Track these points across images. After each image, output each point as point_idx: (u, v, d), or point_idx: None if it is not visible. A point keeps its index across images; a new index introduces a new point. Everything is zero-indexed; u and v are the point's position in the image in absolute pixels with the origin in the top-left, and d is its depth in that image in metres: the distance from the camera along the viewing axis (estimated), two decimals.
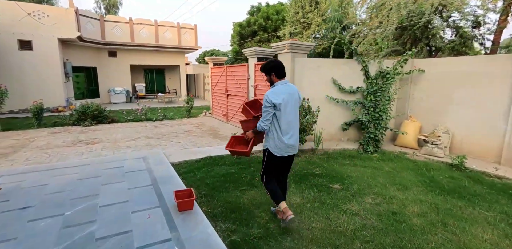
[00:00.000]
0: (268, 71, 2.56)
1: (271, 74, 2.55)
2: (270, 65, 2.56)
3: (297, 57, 5.72)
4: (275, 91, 2.46)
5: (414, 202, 3.25)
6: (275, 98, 2.40)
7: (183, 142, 6.24)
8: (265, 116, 2.43)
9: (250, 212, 2.97)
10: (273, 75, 2.55)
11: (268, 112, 2.42)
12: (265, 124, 2.46)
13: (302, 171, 4.28)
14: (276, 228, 2.66)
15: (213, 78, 9.81)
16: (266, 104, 2.41)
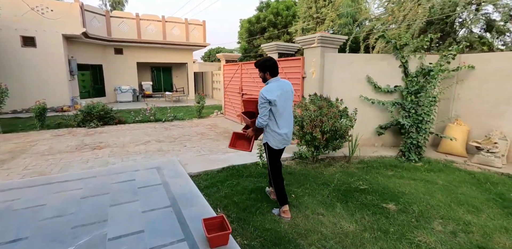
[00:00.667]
0: (264, 69, 2.64)
1: (266, 72, 2.64)
2: (267, 64, 2.62)
3: (327, 52, 5.06)
4: (269, 89, 2.57)
5: (499, 231, 2.60)
6: (269, 95, 2.51)
7: (198, 147, 5.64)
8: (263, 112, 2.56)
9: (297, 245, 2.35)
10: (268, 73, 2.64)
11: (265, 108, 2.54)
12: (263, 120, 2.60)
13: (343, 185, 3.64)
14: None
15: (225, 76, 9.19)
16: (262, 101, 2.53)
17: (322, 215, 2.87)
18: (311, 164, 4.49)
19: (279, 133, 2.67)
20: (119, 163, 4.50)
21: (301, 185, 3.63)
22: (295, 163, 4.53)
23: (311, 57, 5.19)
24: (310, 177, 3.93)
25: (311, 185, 3.63)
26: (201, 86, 19.99)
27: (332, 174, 4.06)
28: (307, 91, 5.35)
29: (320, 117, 4.06)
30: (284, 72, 5.98)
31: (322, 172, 4.14)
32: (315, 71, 5.06)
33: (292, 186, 3.60)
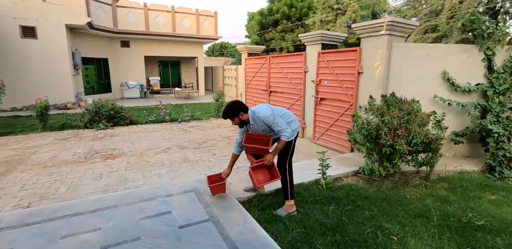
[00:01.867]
0: (237, 112, 2.52)
1: (239, 113, 2.52)
2: (235, 106, 2.53)
3: (394, 41, 4.09)
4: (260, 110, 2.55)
5: None
6: (269, 111, 2.52)
7: (229, 155, 4.71)
8: (284, 124, 2.52)
9: None
10: (241, 113, 2.53)
11: (279, 120, 2.52)
12: (287, 130, 2.52)
13: (449, 218, 2.71)
14: None
15: (248, 71, 8.21)
16: (272, 118, 2.49)
17: None
18: (380, 181, 3.57)
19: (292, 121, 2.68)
20: (141, 179, 3.60)
21: (391, 218, 2.71)
22: (361, 181, 3.60)
23: (372, 48, 4.22)
24: (394, 203, 3.01)
25: (405, 218, 2.71)
26: (210, 82, 19.00)
27: (419, 198, 3.14)
28: (365, 91, 4.39)
29: (405, 125, 3.11)
30: (330, 66, 5.01)
31: (404, 195, 3.21)
32: (380, 66, 4.09)
33: (379, 219, 2.67)
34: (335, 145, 5.14)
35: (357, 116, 3.70)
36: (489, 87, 4.18)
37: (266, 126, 2.55)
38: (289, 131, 2.49)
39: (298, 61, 5.92)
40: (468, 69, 4.23)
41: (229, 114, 2.50)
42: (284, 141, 2.51)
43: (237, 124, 2.60)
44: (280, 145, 2.57)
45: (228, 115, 2.51)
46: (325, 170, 3.39)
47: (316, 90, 5.44)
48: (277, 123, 2.48)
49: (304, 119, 5.98)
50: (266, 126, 2.56)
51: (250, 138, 2.68)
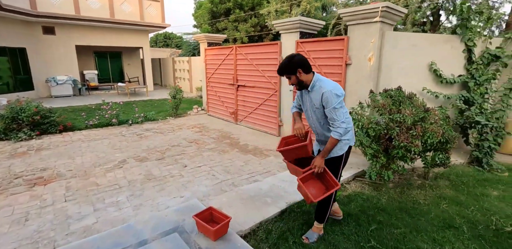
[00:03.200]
0: (295, 68, 1.92)
1: (297, 70, 1.92)
2: (294, 60, 1.92)
3: (386, 29, 3.71)
4: (331, 84, 1.94)
5: None
6: (339, 89, 1.91)
7: (205, 166, 3.90)
8: (342, 116, 1.91)
9: None
10: (300, 70, 1.93)
11: (342, 110, 1.91)
12: (346, 125, 1.91)
13: (477, 226, 2.43)
14: None
15: (209, 63, 7.27)
16: (337, 101, 1.88)
17: None
18: (383, 184, 3.22)
19: (351, 127, 2.05)
20: (91, 215, 2.58)
21: (422, 235, 2.31)
22: (366, 187, 3.19)
23: (362, 37, 3.78)
24: (413, 212, 2.65)
25: (435, 233, 2.34)
26: (158, 76, 17.20)
27: (433, 203, 2.84)
28: (355, 84, 3.97)
29: (421, 124, 2.74)
30: (311, 57, 4.48)
31: (416, 201, 2.89)
32: (373, 56, 3.68)
33: (412, 239, 2.25)
34: None
35: (358, 114, 3.24)
36: (470, 78, 4.14)
37: (321, 105, 1.95)
38: (343, 127, 1.89)
39: (271, 52, 5.26)
40: (451, 60, 4.12)
41: (285, 69, 1.95)
42: (335, 139, 1.92)
43: (294, 85, 2.02)
44: (330, 145, 1.95)
45: (284, 71, 1.97)
46: None
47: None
48: (337, 110, 1.88)
49: (281, 116, 5.42)
50: (321, 106, 1.95)
51: (286, 143, 2.20)
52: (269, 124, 5.71)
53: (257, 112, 5.95)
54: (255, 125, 6.08)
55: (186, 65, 13.15)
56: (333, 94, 1.87)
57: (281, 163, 4.01)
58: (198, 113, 8.02)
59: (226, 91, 6.77)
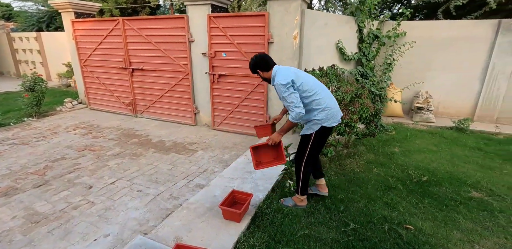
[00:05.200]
0: (254, 68, 2.25)
1: (256, 70, 2.26)
2: (252, 63, 2.23)
3: (305, 7, 3.68)
4: (280, 73, 2.14)
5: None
6: (286, 77, 2.07)
7: (118, 179, 3.00)
8: (295, 101, 2.07)
9: None
10: (259, 71, 2.25)
11: (292, 92, 2.06)
12: (300, 109, 2.07)
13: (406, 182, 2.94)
14: None
15: (82, 40, 5.48)
16: (284, 90, 2.07)
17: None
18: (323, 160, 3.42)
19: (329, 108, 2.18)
20: None
21: (374, 201, 2.59)
22: None
23: (282, 14, 3.62)
24: (359, 183, 2.94)
25: (382, 196, 2.68)
26: None
27: (367, 169, 3.23)
28: (279, 63, 3.85)
29: (357, 100, 2.92)
30: (228, 34, 4.02)
31: (354, 170, 3.22)
32: (298, 35, 3.61)
33: (369, 207, 2.47)
34: (246, 128, 4.51)
35: None
36: (362, 55, 4.83)
37: None
38: (296, 112, 2.06)
39: (176, 27, 4.40)
40: (350, 39, 4.63)
41: (251, 70, 2.28)
42: (290, 121, 2.14)
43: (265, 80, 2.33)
44: (286, 125, 2.21)
45: (251, 71, 2.29)
46: (291, 166, 2.76)
47: (211, 65, 4.34)
48: (286, 97, 2.07)
49: (196, 102, 4.81)
50: None
51: None
52: (182, 112, 5.00)
53: (164, 101, 5.07)
54: (163, 116, 5.20)
55: (34, 44, 9.69)
56: (280, 85, 2.06)
57: (214, 157, 3.61)
58: (75, 108, 6.14)
59: (115, 77, 5.39)
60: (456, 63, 5.07)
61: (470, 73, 5.04)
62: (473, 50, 4.91)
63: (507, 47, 4.71)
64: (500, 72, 4.85)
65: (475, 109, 5.17)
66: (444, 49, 5.05)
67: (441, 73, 5.22)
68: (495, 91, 4.98)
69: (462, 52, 4.98)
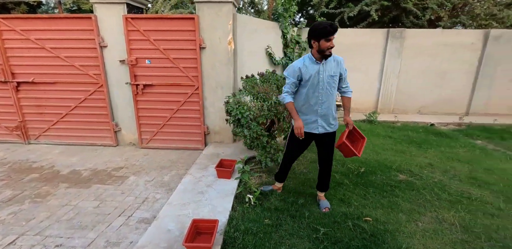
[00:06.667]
0: None
1: None
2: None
3: (235, 12, 3.55)
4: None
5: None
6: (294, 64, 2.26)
7: (22, 236, 2.17)
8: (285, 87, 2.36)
9: None
10: None
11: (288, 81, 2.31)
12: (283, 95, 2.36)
13: (349, 175, 3.12)
14: None
15: None
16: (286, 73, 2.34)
17: None
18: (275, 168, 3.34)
19: None
20: None
21: (330, 200, 2.65)
22: (264, 176, 3.13)
23: (213, 17, 3.40)
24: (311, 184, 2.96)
25: (336, 193, 2.76)
26: None
27: (312, 168, 3.27)
28: (212, 70, 3.62)
29: None
30: (151, 39, 3.53)
31: (303, 172, 3.25)
32: (233, 40, 3.44)
33: (334, 207, 2.51)
34: (182, 142, 4.06)
35: (240, 103, 3.00)
36: (288, 59, 5.06)
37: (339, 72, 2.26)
38: (282, 96, 2.25)
39: (80, 29, 3.59)
40: (277, 44, 4.78)
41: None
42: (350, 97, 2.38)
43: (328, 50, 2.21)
44: (349, 103, 2.42)
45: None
46: (249, 178, 2.55)
47: (133, 74, 3.72)
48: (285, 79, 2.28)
49: (115, 119, 4.06)
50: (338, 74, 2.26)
51: None
52: (98, 132, 4.13)
53: (70, 119, 4.08)
54: (71, 138, 4.18)
55: None
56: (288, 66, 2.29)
57: (152, 181, 3.08)
58: None
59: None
60: (361, 65, 5.92)
61: (372, 73, 5.95)
62: (372, 54, 5.83)
63: (394, 52, 5.77)
64: (392, 72, 5.91)
65: (377, 104, 6.14)
66: (352, 54, 5.82)
67: (351, 75, 5.95)
68: (389, 87, 6.02)
69: (365, 56, 5.85)
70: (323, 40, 2.02)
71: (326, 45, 2.03)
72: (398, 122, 5.54)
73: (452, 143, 4.42)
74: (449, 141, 4.53)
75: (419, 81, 5.97)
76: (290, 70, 2.17)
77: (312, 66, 2.13)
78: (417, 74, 5.92)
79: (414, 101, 6.12)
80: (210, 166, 3.15)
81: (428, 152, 3.97)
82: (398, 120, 5.57)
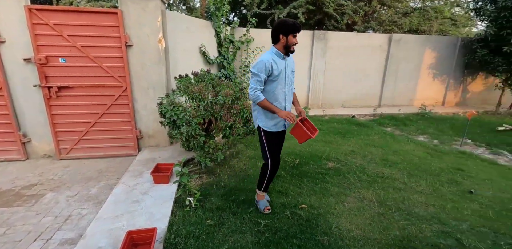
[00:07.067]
0: None
1: None
2: None
3: (163, 8, 3.36)
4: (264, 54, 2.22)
5: None
6: (262, 59, 2.15)
7: None
8: (252, 85, 2.22)
9: None
10: None
11: (254, 78, 2.19)
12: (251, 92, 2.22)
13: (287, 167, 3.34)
14: None
15: None
16: (253, 70, 2.19)
17: None
18: (212, 167, 3.31)
19: None
20: None
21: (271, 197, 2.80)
22: (204, 176, 3.10)
23: (139, 12, 3.16)
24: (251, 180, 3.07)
25: (280, 188, 2.92)
26: None
27: (252, 165, 3.38)
28: (142, 69, 3.39)
29: (237, 102, 3.01)
30: (65, 34, 3.11)
31: (243, 169, 3.31)
32: (163, 38, 3.26)
33: (273, 199, 2.66)
34: (111, 149, 3.71)
35: (174, 103, 2.89)
36: (223, 58, 5.06)
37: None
38: (255, 95, 2.12)
39: None
40: (211, 43, 4.72)
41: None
42: None
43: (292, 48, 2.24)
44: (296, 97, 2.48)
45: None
46: (189, 181, 2.50)
47: (43, 75, 3.21)
48: (250, 76, 2.16)
49: (23, 128, 3.46)
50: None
51: None
52: None
53: None
54: None
55: None
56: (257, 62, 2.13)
57: (75, 196, 2.75)
58: None
59: None
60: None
61: (302, 71, 6.41)
62: (301, 54, 6.27)
63: (320, 52, 6.33)
64: (319, 70, 6.48)
65: (308, 99, 6.67)
66: None
67: None
68: (317, 84, 6.60)
69: (295, 55, 6.22)
70: (291, 36, 2.08)
71: (292, 40, 2.09)
72: (326, 116, 6.12)
73: (369, 131, 5.10)
74: (366, 130, 5.21)
75: (342, 78, 6.69)
76: (260, 66, 2.07)
77: (280, 61, 2.14)
78: (340, 72, 6.63)
79: (339, 96, 6.84)
80: (146, 172, 2.97)
81: (350, 141, 4.51)
82: (326, 114, 6.15)
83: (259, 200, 2.50)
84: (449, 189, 2.99)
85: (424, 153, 4.07)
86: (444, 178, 3.24)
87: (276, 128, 2.26)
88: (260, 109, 2.23)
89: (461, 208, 2.62)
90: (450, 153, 4.17)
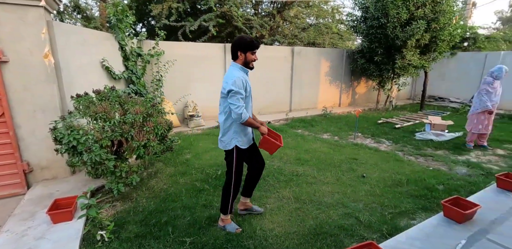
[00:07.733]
0: None
1: None
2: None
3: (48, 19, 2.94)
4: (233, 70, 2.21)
5: None
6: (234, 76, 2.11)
7: None
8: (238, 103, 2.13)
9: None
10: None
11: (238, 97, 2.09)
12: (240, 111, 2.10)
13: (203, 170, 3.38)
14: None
15: None
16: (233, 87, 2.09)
17: None
18: (129, 191, 3.10)
19: None
20: None
21: (199, 212, 2.80)
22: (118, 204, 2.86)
23: (17, 24, 2.69)
24: (174, 199, 3.00)
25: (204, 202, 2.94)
26: None
27: (173, 182, 3.31)
28: (24, 90, 2.89)
29: (150, 119, 2.89)
30: None
31: (164, 189, 3.18)
32: (50, 53, 2.84)
33: (198, 224, 2.66)
34: None
35: (73, 127, 2.58)
36: (131, 73, 4.75)
37: None
38: (243, 113, 2.04)
39: None
40: (115, 57, 4.37)
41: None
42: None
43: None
44: None
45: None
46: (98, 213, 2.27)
47: None
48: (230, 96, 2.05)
49: None
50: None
51: None
52: None
53: None
54: None
55: None
56: (230, 80, 2.08)
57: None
58: None
59: None
60: (207, 75, 6.42)
61: (216, 82, 6.57)
62: (214, 65, 6.45)
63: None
64: None
65: None
66: (198, 65, 6.19)
67: (200, 85, 6.39)
68: None
69: (209, 67, 6.39)
70: (249, 53, 2.08)
71: (251, 57, 2.10)
72: None
73: (283, 135, 5.61)
74: (281, 134, 5.69)
75: (257, 87, 7.13)
76: (239, 83, 2.01)
77: (247, 77, 2.15)
78: (255, 81, 7.04)
79: (255, 104, 7.24)
80: (40, 212, 2.52)
81: None
82: None
83: (226, 225, 2.39)
84: (348, 177, 3.57)
85: (328, 149, 4.73)
86: (344, 168, 3.85)
87: (248, 143, 2.29)
88: (237, 128, 2.18)
89: (357, 191, 3.17)
90: (347, 146, 4.97)
